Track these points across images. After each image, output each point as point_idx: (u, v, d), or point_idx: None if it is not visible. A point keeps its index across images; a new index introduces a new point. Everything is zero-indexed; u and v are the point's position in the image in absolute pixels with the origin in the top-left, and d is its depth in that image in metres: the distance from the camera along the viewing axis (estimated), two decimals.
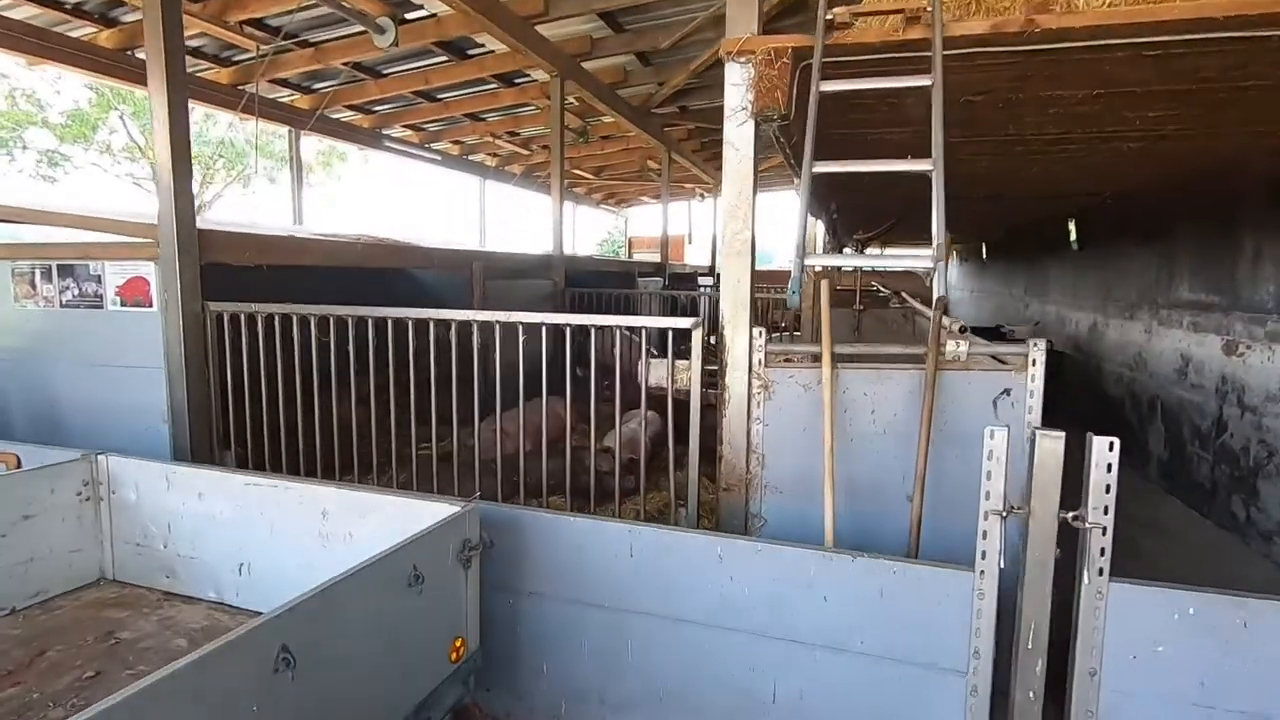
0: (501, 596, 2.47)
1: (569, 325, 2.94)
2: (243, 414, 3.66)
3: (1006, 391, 2.50)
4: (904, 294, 7.29)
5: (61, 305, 3.72)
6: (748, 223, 2.68)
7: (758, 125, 2.65)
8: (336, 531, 2.23)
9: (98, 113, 21.80)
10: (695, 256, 19.76)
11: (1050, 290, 9.36)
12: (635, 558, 2.31)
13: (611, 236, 34.75)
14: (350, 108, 9.61)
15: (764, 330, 2.65)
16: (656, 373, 2.84)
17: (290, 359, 3.47)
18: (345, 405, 3.40)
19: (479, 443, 3.56)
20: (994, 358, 2.57)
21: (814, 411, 2.62)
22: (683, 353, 2.79)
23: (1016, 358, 2.51)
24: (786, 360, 2.67)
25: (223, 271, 4.11)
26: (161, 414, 3.58)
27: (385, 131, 10.64)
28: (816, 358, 2.63)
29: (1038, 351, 2.45)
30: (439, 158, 11.97)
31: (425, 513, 2.12)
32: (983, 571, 2.00)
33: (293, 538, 2.29)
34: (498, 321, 3.04)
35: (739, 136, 2.68)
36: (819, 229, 10.09)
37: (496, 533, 2.39)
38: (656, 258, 17.97)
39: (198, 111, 20.60)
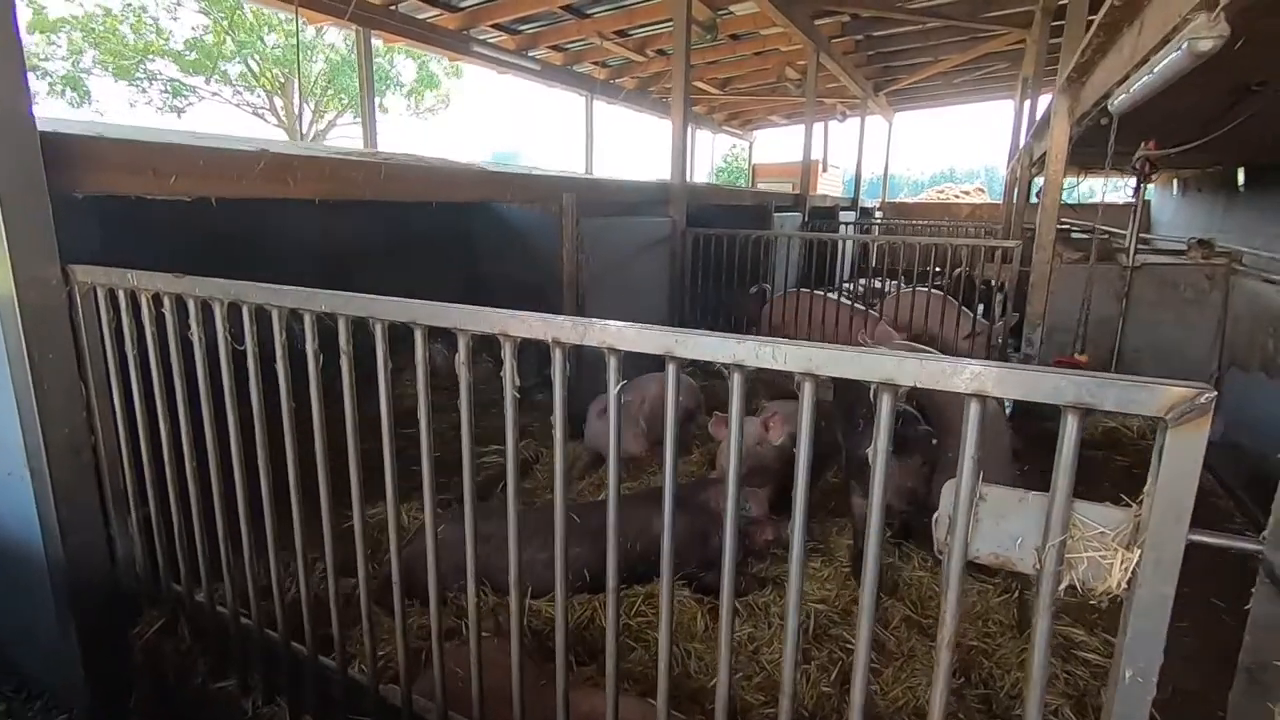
0: None
1: (738, 369, 1.09)
2: (151, 454, 2.12)
3: None
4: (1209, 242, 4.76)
5: None
6: None
7: None
8: None
9: (216, 40, 21.58)
10: (824, 187, 16.96)
11: None
12: None
13: (728, 164, 31.89)
14: (427, 2, 7.90)
15: None
16: (1000, 536, 0.94)
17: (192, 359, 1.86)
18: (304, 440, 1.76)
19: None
20: None
21: None
22: None
23: None
24: None
25: (149, 214, 2.54)
26: (19, 455, 2.11)
27: (473, 34, 8.88)
28: None
29: None
30: (537, 67, 10.11)
31: None
32: None
33: None
34: (559, 343, 1.23)
35: None
36: (1035, 136, 7.42)
37: None
38: (784, 188, 15.51)
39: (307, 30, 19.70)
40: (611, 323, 1.20)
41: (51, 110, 19.16)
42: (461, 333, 1.35)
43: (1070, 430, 0.90)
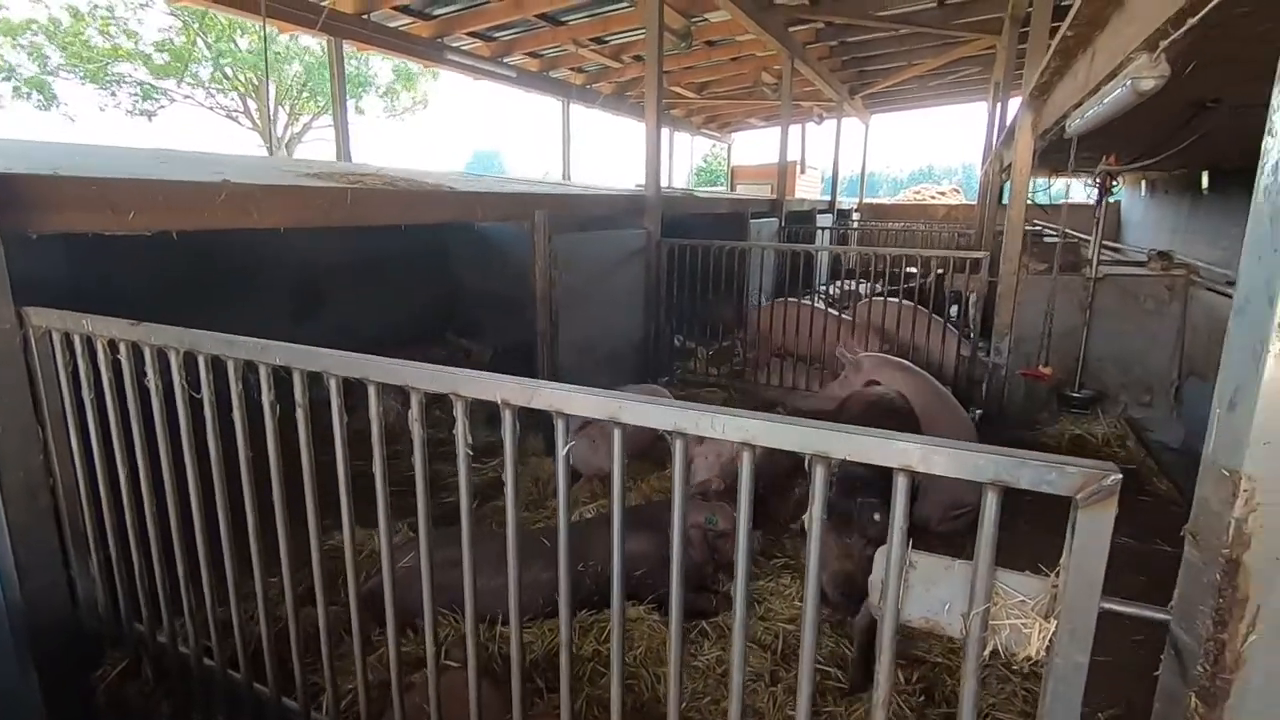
0: None
1: None
2: (111, 496, 2.10)
3: None
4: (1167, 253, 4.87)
5: None
6: None
7: None
8: None
9: (186, 42, 21.23)
10: (805, 193, 17.03)
11: None
12: None
13: (708, 163, 31.99)
14: (402, 10, 7.85)
15: None
16: (930, 601, 0.98)
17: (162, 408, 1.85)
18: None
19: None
20: None
21: None
22: None
23: None
24: None
25: (111, 249, 2.51)
26: None
27: (448, 41, 8.84)
28: None
29: None
30: (513, 74, 10.08)
31: None
32: None
33: None
34: (508, 404, 1.24)
35: None
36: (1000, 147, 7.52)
37: None
38: (763, 190, 15.55)
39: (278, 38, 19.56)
40: (559, 387, 1.22)
41: (17, 114, 18.77)
42: (414, 390, 1.36)
43: (990, 505, 0.93)
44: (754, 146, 24.57)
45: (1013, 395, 4.96)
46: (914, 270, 8.55)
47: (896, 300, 5.93)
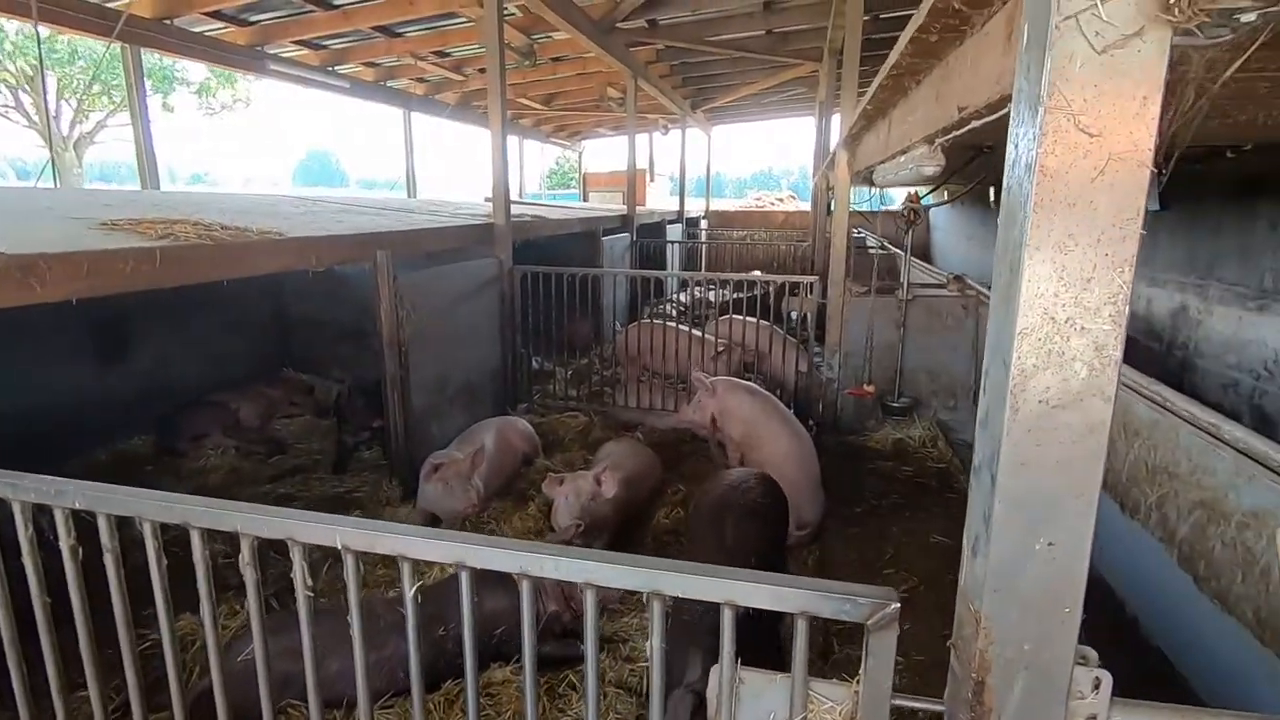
0: None
1: None
2: None
3: None
4: (967, 279, 5.60)
5: None
6: None
7: None
8: None
9: None
10: (655, 198, 17.61)
11: None
12: None
13: (560, 166, 31.98)
14: (213, 16, 7.14)
15: None
16: (759, 712, 1.09)
17: None
18: None
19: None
20: None
21: None
22: None
23: None
24: None
25: None
26: None
27: (270, 49, 8.17)
28: None
29: None
30: (346, 85, 9.51)
31: None
32: None
33: None
34: (349, 550, 1.22)
35: None
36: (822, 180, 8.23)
37: None
38: (616, 198, 15.86)
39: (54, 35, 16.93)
40: (404, 531, 1.21)
41: None
42: (244, 536, 1.29)
43: (800, 630, 1.06)
44: (605, 153, 24.94)
45: (844, 406, 5.47)
46: (756, 278, 9.09)
47: (744, 318, 6.31)
